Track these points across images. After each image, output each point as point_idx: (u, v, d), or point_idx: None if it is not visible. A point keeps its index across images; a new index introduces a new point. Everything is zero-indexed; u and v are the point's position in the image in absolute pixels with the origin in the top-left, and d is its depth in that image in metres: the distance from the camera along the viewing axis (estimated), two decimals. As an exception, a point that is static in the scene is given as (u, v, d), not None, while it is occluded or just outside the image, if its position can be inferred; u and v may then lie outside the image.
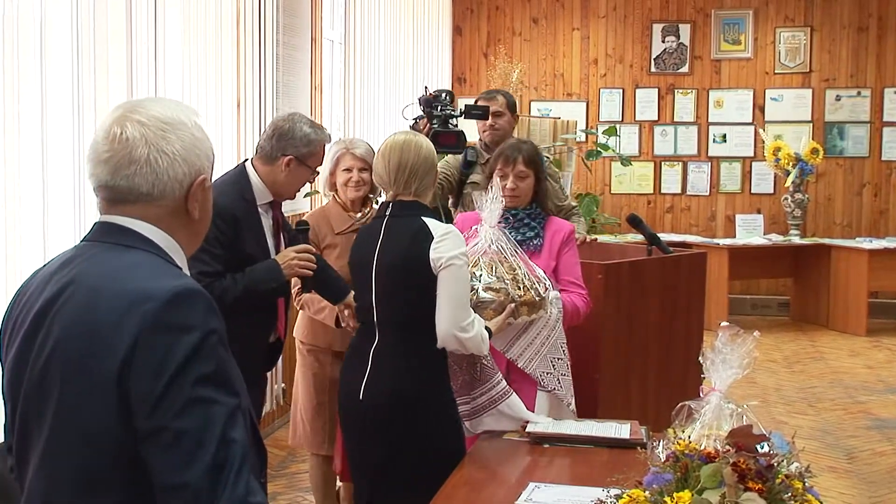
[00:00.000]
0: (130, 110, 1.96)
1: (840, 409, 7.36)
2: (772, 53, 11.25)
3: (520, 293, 3.58)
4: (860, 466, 6.06)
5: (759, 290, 11.28)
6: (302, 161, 3.83)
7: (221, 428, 1.77)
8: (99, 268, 1.90)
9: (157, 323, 1.78)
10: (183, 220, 1.99)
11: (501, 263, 3.63)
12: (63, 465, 1.86)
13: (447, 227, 3.38)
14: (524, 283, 3.59)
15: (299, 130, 3.84)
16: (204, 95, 5.38)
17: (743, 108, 11.30)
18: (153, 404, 1.76)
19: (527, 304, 3.59)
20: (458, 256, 3.29)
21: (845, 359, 9.08)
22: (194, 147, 1.96)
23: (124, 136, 1.91)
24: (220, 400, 1.80)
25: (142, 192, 1.93)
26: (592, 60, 11.53)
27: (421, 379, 3.37)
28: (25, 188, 3.85)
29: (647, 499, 2.06)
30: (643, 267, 4.50)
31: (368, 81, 8.34)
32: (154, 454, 1.77)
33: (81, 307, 1.85)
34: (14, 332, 1.98)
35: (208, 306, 1.85)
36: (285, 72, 6.53)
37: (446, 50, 11.26)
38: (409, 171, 3.40)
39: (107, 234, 1.96)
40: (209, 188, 2.03)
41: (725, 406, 2.78)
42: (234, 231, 3.70)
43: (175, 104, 2.02)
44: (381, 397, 3.34)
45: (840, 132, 11.18)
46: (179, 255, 2.00)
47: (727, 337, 2.79)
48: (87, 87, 4.20)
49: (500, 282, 3.57)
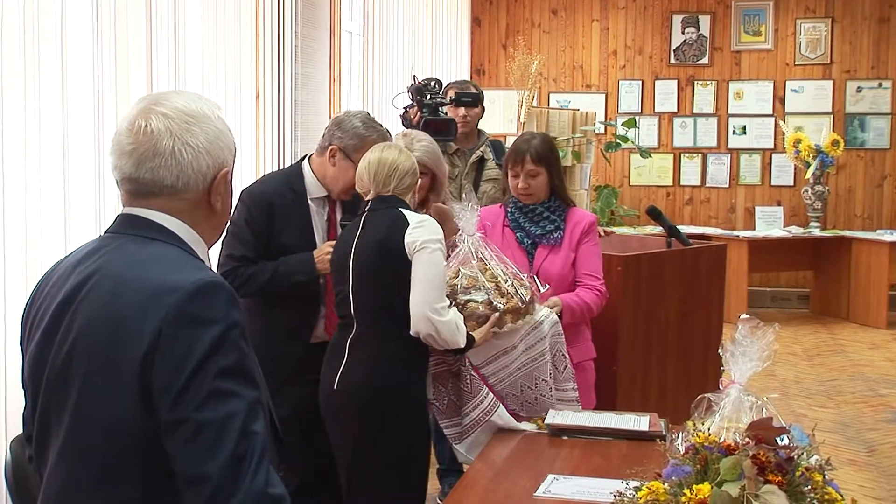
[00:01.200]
0: (154, 103, 1.96)
1: (860, 402, 7.33)
2: (792, 45, 11.19)
3: (502, 301, 3.50)
4: (880, 459, 6.03)
5: (779, 282, 11.24)
6: (347, 154, 3.75)
7: (242, 420, 1.79)
8: (122, 259, 1.91)
9: (179, 315, 1.79)
10: (205, 213, 2.00)
11: (483, 272, 3.56)
12: (83, 456, 1.87)
13: (423, 217, 3.43)
14: (507, 290, 3.52)
15: (349, 123, 3.80)
16: (223, 87, 5.39)
17: (763, 99, 11.25)
18: (175, 397, 1.77)
19: (511, 311, 3.51)
20: (433, 241, 3.32)
21: (865, 351, 9.03)
22: (218, 140, 1.97)
23: (149, 129, 1.92)
24: (240, 393, 1.81)
25: (166, 184, 1.93)
26: (612, 52, 11.50)
27: (395, 367, 3.38)
28: (46, 180, 3.86)
29: (667, 491, 2.06)
30: (662, 259, 4.48)
31: (387, 73, 8.34)
32: (176, 446, 1.79)
33: (104, 299, 1.86)
34: (36, 323, 1.99)
35: (230, 299, 1.86)
36: (304, 63, 6.54)
37: (465, 41, 11.24)
38: (387, 168, 3.45)
39: (130, 226, 1.97)
40: (231, 181, 2.04)
41: (745, 398, 2.78)
42: (268, 218, 3.71)
43: (197, 97, 2.02)
44: (356, 385, 3.37)
45: (861, 124, 11.12)
46: (201, 247, 2.01)
47: (747, 329, 2.78)
48: (107, 79, 4.21)
49: (482, 291, 3.51)
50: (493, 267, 3.57)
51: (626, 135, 8.34)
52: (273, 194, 3.75)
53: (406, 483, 3.39)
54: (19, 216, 3.70)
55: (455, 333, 3.34)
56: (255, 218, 3.71)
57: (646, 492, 2.08)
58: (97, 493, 1.86)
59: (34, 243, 3.80)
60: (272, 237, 3.72)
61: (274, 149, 6.06)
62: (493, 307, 3.48)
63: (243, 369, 1.84)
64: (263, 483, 1.79)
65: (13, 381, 3.52)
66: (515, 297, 3.51)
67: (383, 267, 3.37)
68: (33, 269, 3.73)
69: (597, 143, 9.26)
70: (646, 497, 2.07)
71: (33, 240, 3.79)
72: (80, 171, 4.07)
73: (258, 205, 3.72)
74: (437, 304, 3.31)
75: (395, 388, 3.37)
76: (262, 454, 1.81)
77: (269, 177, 4.00)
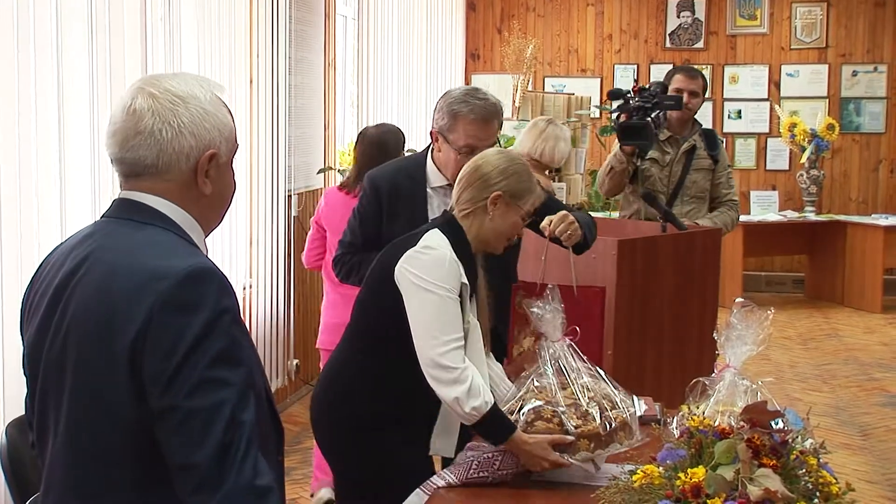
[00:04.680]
0: (147, 83, 1.96)
1: (854, 386, 7.35)
2: (788, 28, 11.17)
3: (577, 423, 2.75)
4: (874, 443, 6.05)
5: (774, 266, 11.24)
6: (444, 136, 3.42)
7: (231, 409, 1.78)
8: (115, 244, 1.90)
9: (169, 302, 1.79)
10: (194, 195, 1.98)
11: (562, 388, 2.83)
12: (80, 441, 1.87)
13: (437, 245, 2.88)
14: (586, 411, 2.77)
15: (445, 100, 3.45)
16: (217, 71, 5.37)
17: (758, 83, 11.23)
18: (165, 384, 1.77)
19: (588, 437, 2.73)
20: (425, 281, 2.81)
21: (860, 336, 9.05)
22: (203, 121, 1.95)
23: (132, 108, 1.92)
24: (230, 381, 1.80)
25: (146, 163, 1.92)
26: (607, 36, 11.47)
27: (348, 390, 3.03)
28: (42, 166, 3.85)
29: (661, 474, 2.06)
30: (657, 243, 4.48)
31: (382, 57, 8.32)
32: (165, 434, 1.79)
33: (97, 284, 1.86)
34: (33, 309, 2.00)
35: (222, 286, 1.85)
36: (298, 47, 6.52)
37: (460, 26, 11.22)
38: (463, 182, 2.98)
39: (124, 210, 1.97)
40: (225, 164, 2.02)
41: (740, 382, 2.78)
42: (377, 204, 3.54)
43: (196, 80, 2.00)
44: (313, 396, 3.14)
45: (856, 108, 11.11)
46: (196, 231, 2.00)
47: (742, 313, 2.78)
48: (101, 63, 4.19)
49: (553, 408, 2.79)
50: (576, 384, 2.84)
51: (621, 119, 8.33)
52: (385, 180, 3.57)
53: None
54: (14, 203, 3.69)
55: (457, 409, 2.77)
56: (366, 204, 3.59)
57: (641, 475, 2.08)
58: (96, 479, 1.86)
59: (32, 229, 3.79)
60: (382, 225, 3.51)
61: (268, 134, 6.05)
62: (564, 429, 2.74)
63: (234, 357, 1.83)
64: (251, 474, 1.78)
65: (9, 366, 3.52)
66: (596, 421, 2.75)
67: (374, 283, 3.02)
68: (28, 256, 3.73)
69: (592, 128, 9.25)
70: (641, 480, 2.07)
71: (29, 226, 3.79)
72: (75, 157, 4.06)
73: (368, 191, 3.59)
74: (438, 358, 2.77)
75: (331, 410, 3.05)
76: (251, 443, 1.80)
77: (391, 162, 3.81)
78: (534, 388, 2.86)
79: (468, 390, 2.74)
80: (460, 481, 2.76)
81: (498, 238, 3.01)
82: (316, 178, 6.95)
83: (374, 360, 2.99)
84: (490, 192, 2.92)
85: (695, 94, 5.27)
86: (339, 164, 7.41)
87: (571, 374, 2.86)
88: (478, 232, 2.95)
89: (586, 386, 2.84)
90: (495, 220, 2.95)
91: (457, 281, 2.84)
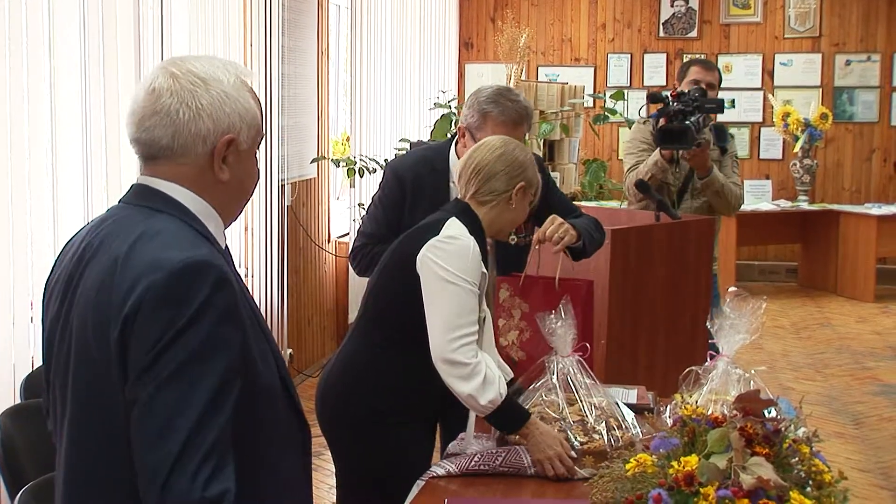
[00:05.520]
0: (171, 63, 1.92)
1: (847, 375, 7.36)
2: (781, 18, 11.16)
3: (583, 439, 2.76)
4: (867, 432, 6.07)
5: (767, 256, 11.25)
6: (472, 134, 3.38)
7: (198, 413, 1.70)
8: (123, 232, 1.86)
9: (159, 295, 1.74)
10: (211, 181, 1.93)
11: (569, 404, 2.85)
12: (87, 430, 1.84)
13: (459, 234, 2.85)
14: (593, 428, 2.78)
15: (475, 97, 3.41)
16: (210, 60, 5.35)
17: (752, 73, 11.23)
18: (137, 374, 1.72)
19: (593, 453, 2.73)
20: (449, 273, 2.78)
21: (853, 325, 9.07)
22: (223, 104, 1.89)
23: (152, 87, 1.88)
24: (205, 380, 1.72)
25: (162, 144, 1.88)
26: (600, 25, 11.46)
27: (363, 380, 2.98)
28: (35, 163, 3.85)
29: (654, 463, 2.06)
30: (651, 233, 4.48)
31: (375, 46, 8.30)
32: (131, 425, 1.73)
33: (101, 274, 1.82)
34: (53, 294, 1.97)
35: (218, 280, 1.78)
36: (291, 36, 6.50)
37: (453, 15, 11.20)
38: (471, 168, 2.95)
39: (139, 195, 1.93)
40: (246, 152, 1.97)
41: (733, 371, 2.79)
42: (399, 194, 3.50)
43: (222, 63, 1.95)
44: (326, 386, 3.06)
45: (850, 97, 11.12)
46: (213, 218, 1.95)
47: (735, 303, 2.79)
48: (93, 49, 4.18)
49: (560, 424, 2.80)
50: (584, 401, 2.84)
51: (615, 108, 8.32)
52: (407, 170, 3.53)
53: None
54: (5, 198, 3.69)
55: (471, 404, 2.79)
56: (387, 194, 3.53)
57: (633, 464, 2.08)
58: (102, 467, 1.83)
59: (21, 223, 3.79)
60: (404, 215, 3.45)
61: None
62: (570, 445, 2.75)
63: (214, 355, 1.74)
64: (203, 481, 1.68)
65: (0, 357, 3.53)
66: (602, 438, 2.76)
67: (389, 269, 2.99)
68: (20, 252, 3.72)
69: (585, 117, 9.24)
70: (634, 469, 2.07)
71: (20, 220, 3.78)
72: (66, 152, 4.05)
73: (390, 180, 3.53)
74: (451, 354, 2.75)
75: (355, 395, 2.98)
76: (213, 450, 1.70)
77: (413, 151, 3.74)
78: (541, 402, 2.86)
79: (482, 384, 2.73)
80: (460, 471, 2.75)
81: (512, 226, 3.05)
82: (309, 167, 6.95)
83: (389, 351, 2.96)
84: (516, 183, 2.94)
85: (711, 87, 5.22)
86: (332, 154, 7.41)
87: (580, 390, 2.86)
88: (494, 220, 2.96)
89: (594, 403, 2.84)
90: (516, 209, 2.97)
91: (478, 272, 2.84)
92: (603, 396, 2.89)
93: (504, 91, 3.42)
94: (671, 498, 1.92)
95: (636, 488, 2.02)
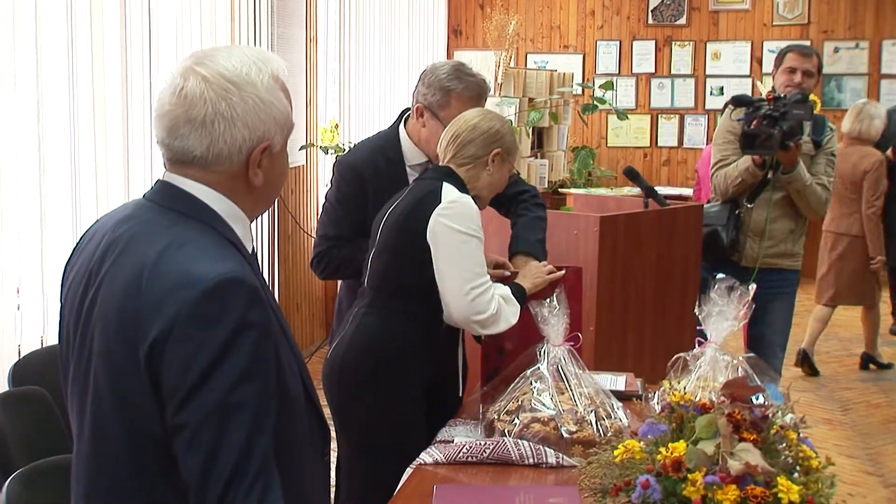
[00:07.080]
0: (198, 62, 1.84)
1: (835, 362, 7.39)
2: (770, 5, 11.16)
3: (572, 428, 2.79)
4: (854, 418, 6.10)
5: (755, 243, 11.25)
6: (434, 112, 3.37)
7: (245, 435, 1.70)
8: (150, 236, 1.82)
9: (192, 314, 1.70)
10: (244, 186, 1.88)
11: (559, 393, 2.87)
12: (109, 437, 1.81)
13: (459, 196, 3.01)
14: (584, 418, 2.80)
15: (432, 75, 3.39)
16: (198, 47, 5.34)
17: (741, 60, 11.23)
18: (181, 401, 1.70)
19: (581, 442, 2.74)
20: (460, 231, 2.95)
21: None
22: (258, 111, 1.83)
23: (184, 93, 1.80)
24: (247, 403, 1.71)
25: (195, 154, 1.82)
26: (589, 12, 11.45)
27: (394, 345, 3.08)
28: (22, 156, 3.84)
29: (643, 449, 2.07)
30: (639, 220, 4.48)
31: (364, 34, 8.28)
32: (178, 451, 1.72)
33: (126, 279, 1.78)
34: (72, 285, 1.92)
35: (250, 297, 1.74)
36: (280, 24, 6.48)
37: (442, 1, 11.17)
38: (449, 135, 3.11)
39: (166, 195, 1.88)
40: (279, 154, 1.92)
41: (721, 358, 2.80)
42: (359, 191, 3.42)
43: (250, 58, 1.87)
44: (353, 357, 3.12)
45: (837, 84, 11.13)
46: (241, 222, 1.91)
47: (723, 289, 2.80)
48: (81, 36, 4.16)
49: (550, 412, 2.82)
50: (574, 391, 2.87)
51: (604, 96, 8.32)
52: (363, 164, 3.45)
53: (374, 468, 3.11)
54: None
55: (499, 324, 3.03)
56: (345, 192, 3.45)
57: (622, 450, 2.09)
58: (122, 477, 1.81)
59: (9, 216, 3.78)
60: (367, 211, 3.36)
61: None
62: (560, 434, 2.77)
63: (254, 376, 1.72)
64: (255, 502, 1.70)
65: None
66: (591, 427, 2.78)
67: (401, 243, 3.06)
68: (8, 246, 3.71)
69: (574, 105, 9.25)
70: (622, 455, 2.08)
71: (7, 212, 3.77)
72: (55, 146, 4.04)
73: (346, 178, 3.45)
74: (473, 299, 2.95)
75: (387, 365, 3.07)
76: (262, 469, 1.71)
77: (362, 143, 3.65)
78: (532, 389, 2.89)
79: (509, 315, 3.04)
80: (447, 461, 2.76)
81: (491, 192, 3.20)
82: (298, 154, 6.93)
83: (400, 320, 3.09)
84: (492, 149, 3.10)
85: (809, 74, 5.02)
86: (321, 141, 7.39)
87: (571, 379, 2.90)
88: (470, 182, 3.11)
89: (584, 392, 2.86)
90: (493, 175, 3.14)
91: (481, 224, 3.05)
92: (593, 386, 2.91)
93: (460, 66, 3.45)
94: (659, 484, 1.93)
95: (624, 474, 2.03)
